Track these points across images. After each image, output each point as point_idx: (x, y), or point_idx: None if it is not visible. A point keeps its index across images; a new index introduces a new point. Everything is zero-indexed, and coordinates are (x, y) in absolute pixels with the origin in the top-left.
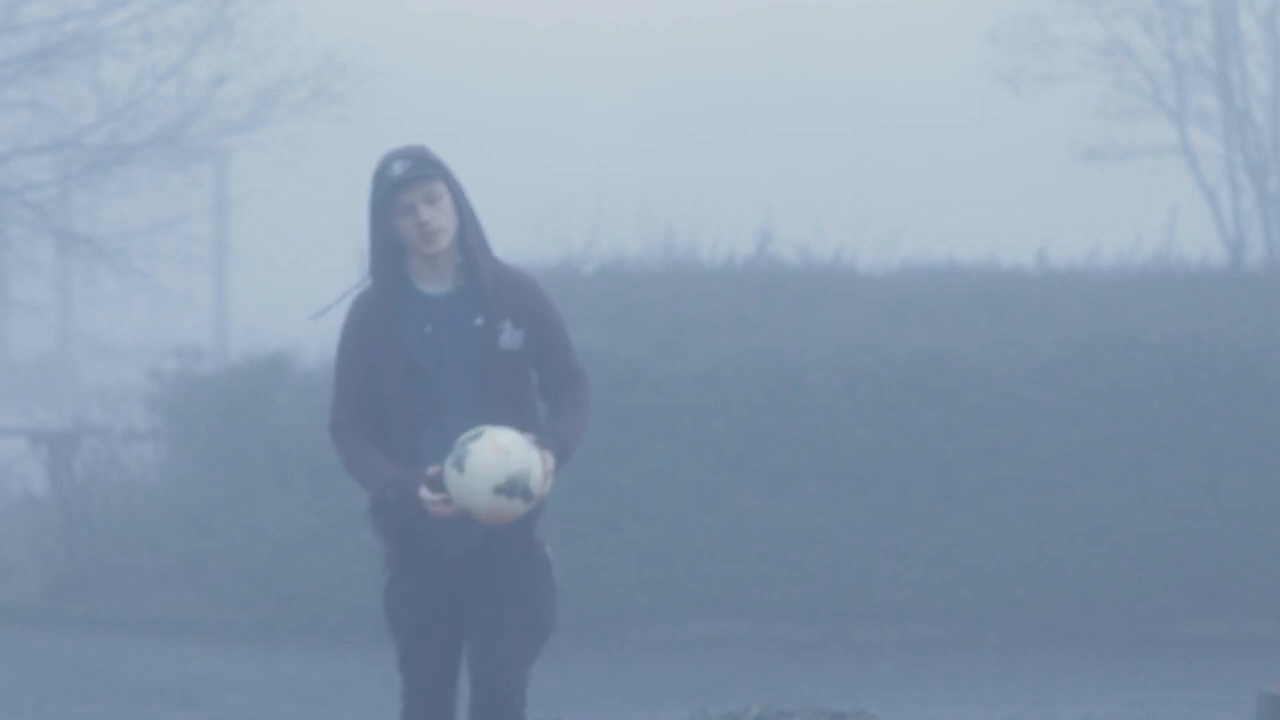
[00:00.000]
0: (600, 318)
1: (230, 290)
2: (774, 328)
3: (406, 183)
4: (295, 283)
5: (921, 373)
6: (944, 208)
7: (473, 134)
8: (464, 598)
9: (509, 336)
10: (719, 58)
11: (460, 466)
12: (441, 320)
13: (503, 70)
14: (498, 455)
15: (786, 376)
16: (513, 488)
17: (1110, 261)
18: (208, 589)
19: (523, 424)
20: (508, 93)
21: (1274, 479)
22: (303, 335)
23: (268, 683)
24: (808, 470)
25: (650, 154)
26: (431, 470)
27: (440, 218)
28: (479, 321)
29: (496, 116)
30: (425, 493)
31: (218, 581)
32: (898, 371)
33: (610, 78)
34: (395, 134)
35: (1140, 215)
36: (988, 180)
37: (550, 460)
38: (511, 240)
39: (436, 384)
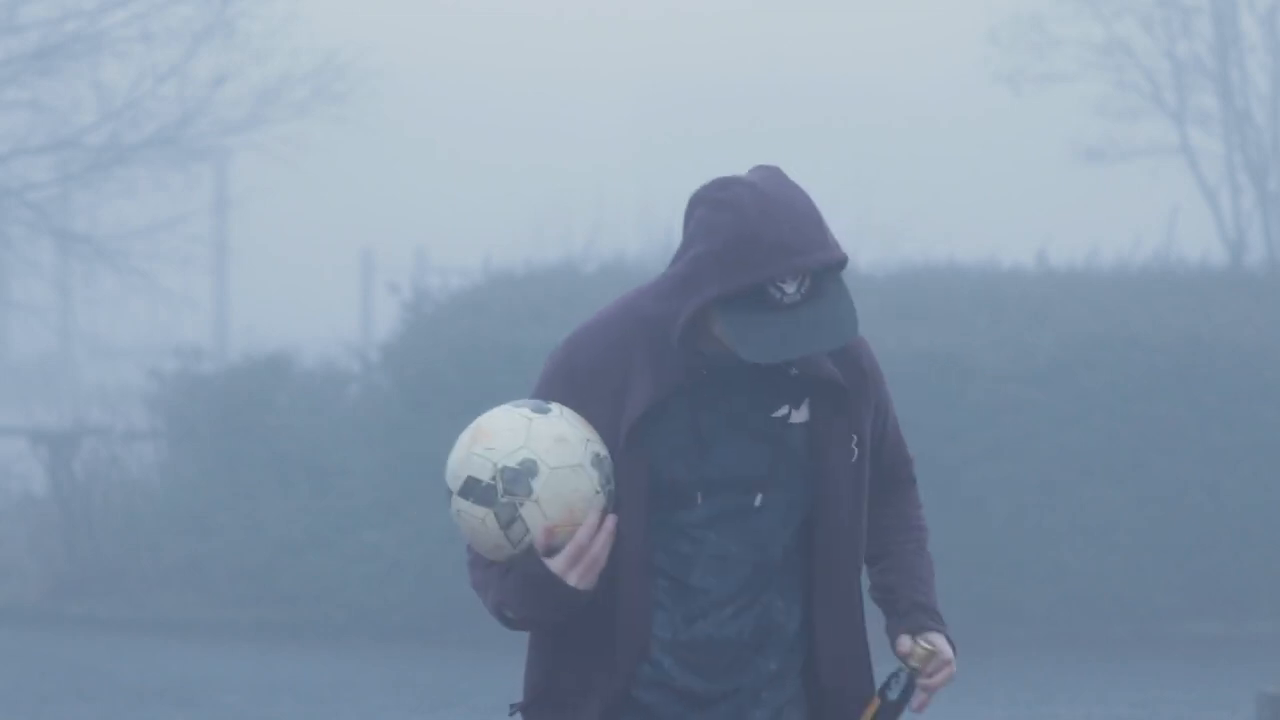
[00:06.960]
0: None
1: (230, 290)
2: None
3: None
4: (295, 283)
5: (921, 373)
6: (944, 207)
7: (473, 134)
8: None
9: (847, 442)
10: (719, 55)
11: (544, 411)
12: (725, 407)
13: (503, 70)
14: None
15: None
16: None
17: (1110, 261)
18: (208, 589)
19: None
20: (508, 92)
21: (1274, 479)
22: (302, 335)
23: (268, 683)
24: None
25: (650, 151)
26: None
27: None
28: (791, 414)
29: (496, 116)
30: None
31: (218, 581)
32: (898, 371)
33: (610, 74)
34: (395, 134)
35: (1140, 215)
36: (988, 180)
37: (943, 647)
38: (512, 240)
39: (695, 516)
